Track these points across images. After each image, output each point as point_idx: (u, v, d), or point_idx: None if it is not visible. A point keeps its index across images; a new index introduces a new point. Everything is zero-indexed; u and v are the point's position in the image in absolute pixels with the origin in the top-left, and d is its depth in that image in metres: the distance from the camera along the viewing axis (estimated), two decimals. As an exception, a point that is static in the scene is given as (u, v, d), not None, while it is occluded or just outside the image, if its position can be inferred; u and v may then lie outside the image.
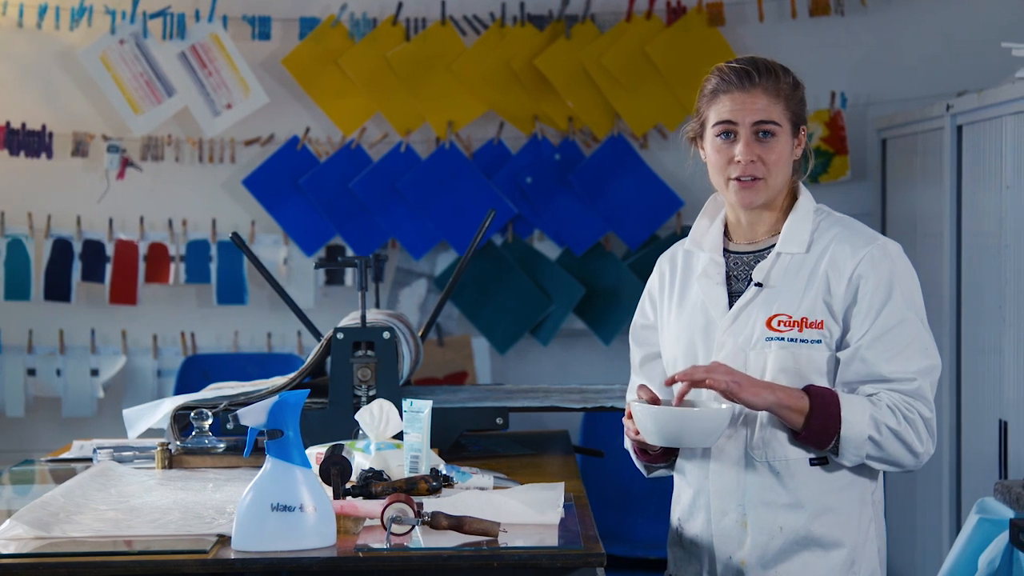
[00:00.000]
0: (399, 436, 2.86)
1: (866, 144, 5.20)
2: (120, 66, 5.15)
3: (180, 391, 4.98)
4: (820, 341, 2.50)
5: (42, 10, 5.15)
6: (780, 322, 2.51)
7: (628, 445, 2.66)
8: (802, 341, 2.50)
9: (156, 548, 2.37)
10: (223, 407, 3.30)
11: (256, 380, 3.72)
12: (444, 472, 2.77)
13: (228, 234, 4.87)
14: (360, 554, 2.33)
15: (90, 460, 3.27)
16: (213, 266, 5.25)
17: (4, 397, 5.22)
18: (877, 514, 2.59)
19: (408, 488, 2.63)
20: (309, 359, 3.39)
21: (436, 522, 2.38)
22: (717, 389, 2.44)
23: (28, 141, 5.18)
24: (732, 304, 2.56)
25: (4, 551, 2.34)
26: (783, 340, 2.50)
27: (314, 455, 2.73)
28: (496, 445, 3.51)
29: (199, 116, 5.20)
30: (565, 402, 3.46)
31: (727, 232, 2.64)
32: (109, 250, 5.23)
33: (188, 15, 5.18)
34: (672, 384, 2.51)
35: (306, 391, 2.50)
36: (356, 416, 2.89)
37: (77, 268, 5.22)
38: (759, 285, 2.54)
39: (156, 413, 3.38)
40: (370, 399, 3.25)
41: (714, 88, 2.56)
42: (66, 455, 3.42)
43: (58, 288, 5.21)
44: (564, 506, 2.60)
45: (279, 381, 3.44)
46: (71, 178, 5.25)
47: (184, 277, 5.26)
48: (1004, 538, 3.15)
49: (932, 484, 4.41)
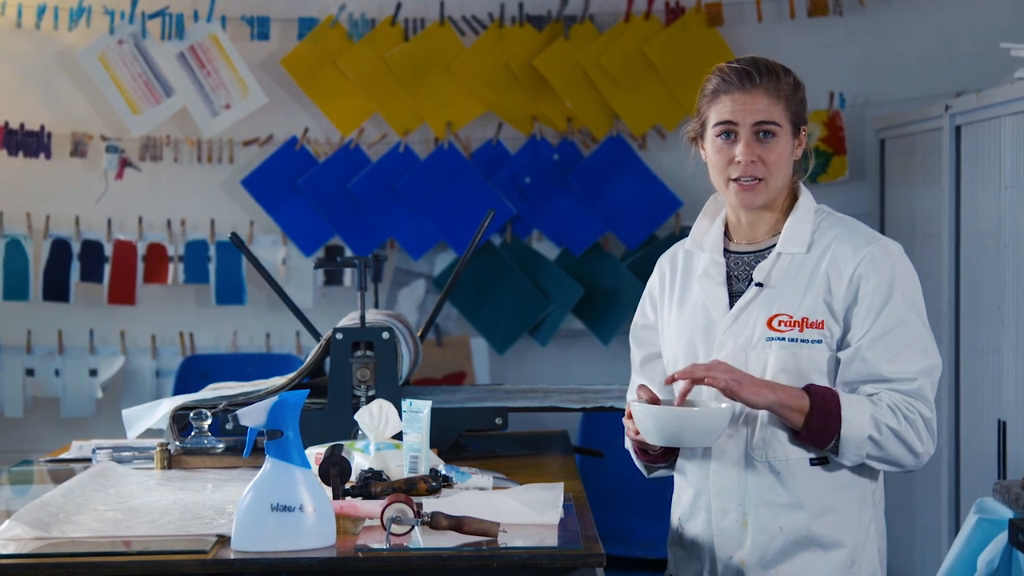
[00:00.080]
0: (398, 436, 2.85)
1: (865, 144, 5.20)
2: (119, 66, 5.15)
3: (179, 391, 4.97)
4: (821, 341, 2.50)
5: (41, 10, 5.15)
6: (781, 322, 2.51)
7: (628, 445, 2.66)
8: (803, 341, 2.50)
9: (155, 548, 2.37)
10: (222, 407, 3.30)
11: (255, 380, 3.71)
12: (443, 472, 2.77)
13: (227, 234, 4.87)
14: (360, 554, 2.33)
15: (89, 460, 3.27)
16: (212, 266, 5.25)
17: (3, 397, 5.21)
18: (877, 514, 2.59)
19: (407, 488, 2.63)
20: (308, 359, 3.39)
21: (436, 522, 2.38)
22: (717, 387, 2.44)
23: (27, 141, 5.18)
24: (733, 304, 2.56)
25: (4, 551, 2.34)
26: (784, 340, 2.50)
27: (313, 455, 2.73)
28: (495, 445, 3.51)
29: (198, 116, 5.20)
30: (564, 402, 3.45)
31: (727, 232, 2.64)
32: (108, 250, 5.22)
33: (187, 15, 5.17)
34: (672, 383, 2.51)
35: (306, 391, 2.50)
36: (355, 416, 2.89)
37: (76, 268, 5.21)
38: (760, 285, 2.54)
39: (155, 413, 3.37)
40: (369, 399, 3.25)
41: (715, 88, 2.56)
42: (65, 455, 3.42)
43: (57, 288, 5.21)
44: (563, 506, 2.60)
45: (278, 381, 3.44)
46: (70, 178, 5.25)
47: (183, 277, 5.25)
48: (1003, 538, 3.15)
49: (931, 484, 4.41)
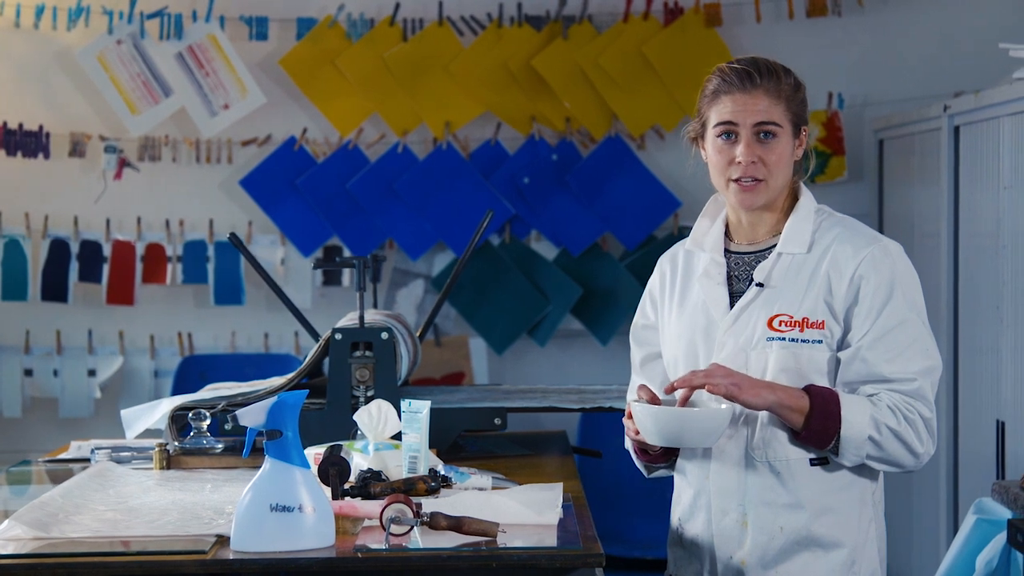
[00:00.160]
0: (397, 436, 2.85)
1: (863, 145, 5.20)
2: (117, 66, 5.15)
3: (177, 391, 4.97)
4: (821, 341, 2.50)
5: (39, 10, 5.14)
6: (781, 322, 2.51)
7: (628, 445, 2.66)
8: (803, 341, 2.50)
9: (155, 549, 2.36)
10: (221, 408, 3.30)
11: (253, 380, 3.71)
12: (442, 472, 2.76)
13: (225, 234, 4.86)
14: (359, 554, 2.33)
15: (88, 461, 3.26)
16: (210, 266, 5.25)
17: (1, 398, 5.20)
18: (877, 514, 2.59)
19: (407, 488, 2.63)
20: (307, 359, 3.38)
21: (435, 522, 2.38)
22: (717, 393, 2.44)
23: (25, 141, 5.18)
24: (733, 304, 2.56)
25: (3, 551, 2.34)
26: (784, 340, 2.50)
27: (312, 456, 2.73)
28: (494, 445, 3.51)
29: (196, 116, 5.20)
30: (563, 402, 3.45)
31: (728, 232, 2.64)
32: (106, 250, 5.22)
33: (185, 15, 5.17)
34: (672, 392, 2.51)
35: (305, 391, 2.49)
36: (354, 416, 2.89)
37: (74, 268, 5.21)
38: (760, 285, 2.54)
39: (154, 414, 3.37)
40: (368, 399, 3.24)
41: (715, 89, 2.56)
42: (64, 455, 3.42)
43: (55, 288, 5.20)
44: (563, 506, 2.60)
45: (277, 382, 3.43)
46: (68, 178, 5.25)
47: (181, 277, 5.25)
48: (1002, 538, 3.16)
49: (929, 484, 4.41)
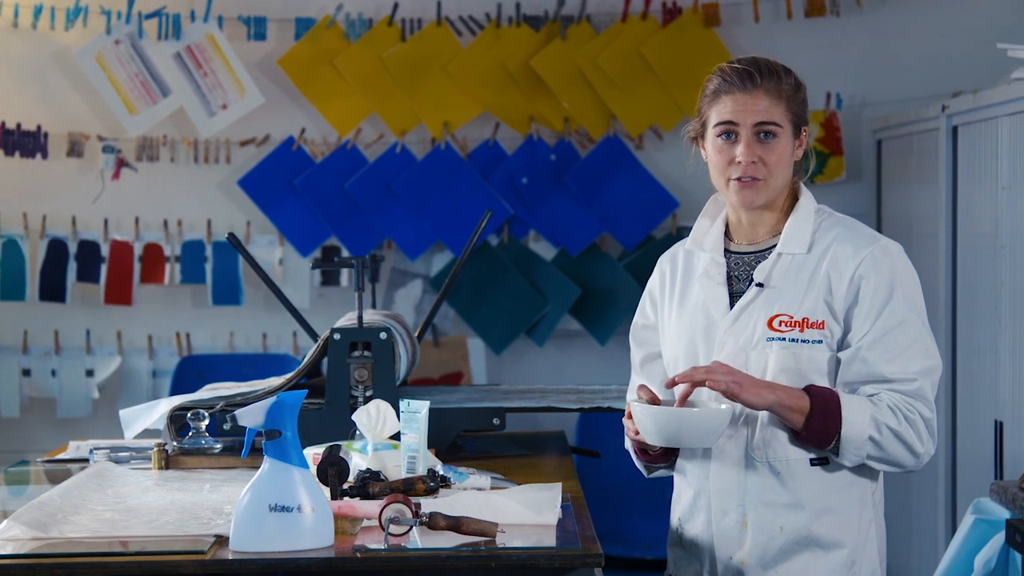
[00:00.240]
0: (396, 437, 2.85)
1: (861, 145, 5.20)
2: (115, 66, 5.15)
3: (175, 392, 4.97)
4: (821, 341, 2.50)
5: (37, 10, 5.14)
6: (781, 322, 2.51)
7: (628, 445, 2.66)
8: (803, 341, 2.50)
9: (153, 549, 2.36)
10: (220, 408, 3.29)
11: (252, 381, 3.71)
12: (441, 472, 2.77)
13: (224, 234, 4.87)
14: (358, 555, 2.33)
15: (86, 461, 3.26)
16: (208, 266, 5.25)
17: (-1, 398, 5.22)
18: (877, 514, 2.59)
19: (406, 488, 2.63)
20: (306, 359, 3.38)
21: (434, 523, 2.38)
22: (718, 389, 2.44)
23: (23, 141, 5.17)
24: (733, 304, 2.56)
25: (1, 552, 2.34)
26: (784, 340, 2.50)
27: (311, 456, 2.73)
28: (493, 446, 3.51)
29: (194, 116, 5.19)
30: (562, 403, 3.45)
31: (728, 232, 2.64)
32: (104, 250, 5.22)
33: (184, 15, 5.17)
34: (673, 387, 2.50)
35: (304, 391, 2.49)
36: (353, 417, 2.89)
37: (72, 268, 5.21)
38: (760, 285, 2.54)
39: (152, 414, 3.37)
40: (367, 400, 3.24)
41: (716, 88, 2.56)
42: (62, 456, 3.42)
43: (53, 288, 5.20)
44: (561, 506, 2.60)
45: (276, 382, 3.43)
46: (66, 178, 5.24)
47: (179, 277, 5.25)
48: (1000, 538, 3.16)
49: (928, 485, 4.41)
